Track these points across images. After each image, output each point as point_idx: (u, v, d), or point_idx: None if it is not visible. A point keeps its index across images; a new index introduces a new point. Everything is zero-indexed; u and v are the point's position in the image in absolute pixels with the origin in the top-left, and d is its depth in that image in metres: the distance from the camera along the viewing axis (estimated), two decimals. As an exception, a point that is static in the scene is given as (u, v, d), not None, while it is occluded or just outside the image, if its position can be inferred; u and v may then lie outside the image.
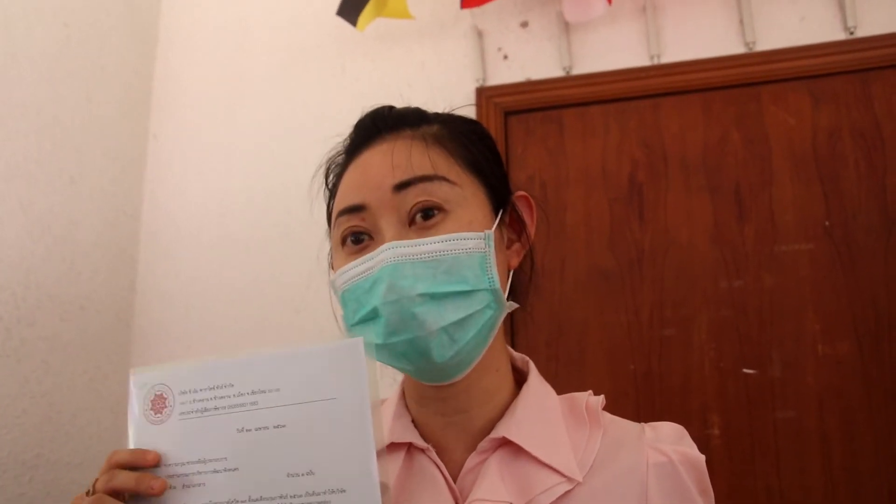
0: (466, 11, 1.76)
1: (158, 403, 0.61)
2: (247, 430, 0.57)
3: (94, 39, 1.78)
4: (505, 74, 1.74)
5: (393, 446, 0.69)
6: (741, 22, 1.61)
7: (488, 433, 0.66)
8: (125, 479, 0.57)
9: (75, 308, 1.65)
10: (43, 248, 1.57)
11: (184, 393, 0.60)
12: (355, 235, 0.66)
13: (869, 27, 1.54)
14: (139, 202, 1.92)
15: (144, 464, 0.59)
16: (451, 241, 0.63)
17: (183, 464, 0.58)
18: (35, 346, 1.53)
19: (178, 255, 1.88)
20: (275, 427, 0.57)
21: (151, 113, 1.99)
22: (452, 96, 1.75)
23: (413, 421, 0.71)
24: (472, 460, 0.66)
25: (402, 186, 0.64)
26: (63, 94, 1.67)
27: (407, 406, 0.73)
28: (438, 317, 0.61)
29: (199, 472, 0.57)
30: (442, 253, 0.62)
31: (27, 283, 1.52)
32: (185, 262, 1.87)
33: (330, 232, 0.72)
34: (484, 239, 0.64)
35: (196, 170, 1.92)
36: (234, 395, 0.58)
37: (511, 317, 0.70)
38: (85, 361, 1.67)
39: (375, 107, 0.73)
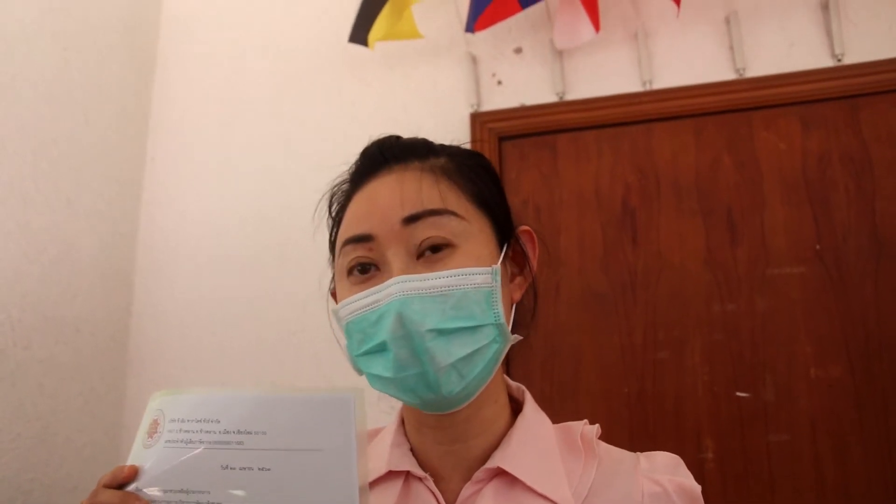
0: (461, 38, 1.79)
1: (153, 428, 0.61)
2: (231, 469, 0.57)
3: (92, 62, 1.80)
4: (499, 100, 1.77)
5: (391, 474, 0.69)
6: (731, 48, 1.64)
7: (484, 462, 0.67)
8: (109, 498, 0.58)
9: (71, 330, 1.65)
10: (39, 270, 1.57)
11: (173, 421, 0.60)
12: (362, 266, 0.66)
13: (856, 54, 1.57)
14: (136, 224, 1.93)
15: (122, 478, 0.59)
16: (460, 276, 0.63)
17: (166, 491, 0.58)
18: (30, 369, 1.52)
19: (174, 277, 1.88)
20: (259, 469, 0.57)
21: (149, 135, 2.01)
22: (447, 121, 1.77)
23: (411, 449, 0.71)
24: (467, 490, 0.66)
25: (411, 220, 0.64)
26: (61, 116, 1.68)
27: (406, 434, 0.73)
28: (447, 352, 0.61)
29: (182, 501, 0.57)
30: (450, 288, 0.62)
31: (23, 304, 1.52)
32: (181, 284, 1.87)
33: (333, 260, 0.72)
34: (491, 274, 0.64)
35: (193, 192, 1.93)
36: (220, 432, 0.58)
37: (506, 340, 0.71)
38: (80, 384, 1.66)
39: (382, 136, 0.73)
